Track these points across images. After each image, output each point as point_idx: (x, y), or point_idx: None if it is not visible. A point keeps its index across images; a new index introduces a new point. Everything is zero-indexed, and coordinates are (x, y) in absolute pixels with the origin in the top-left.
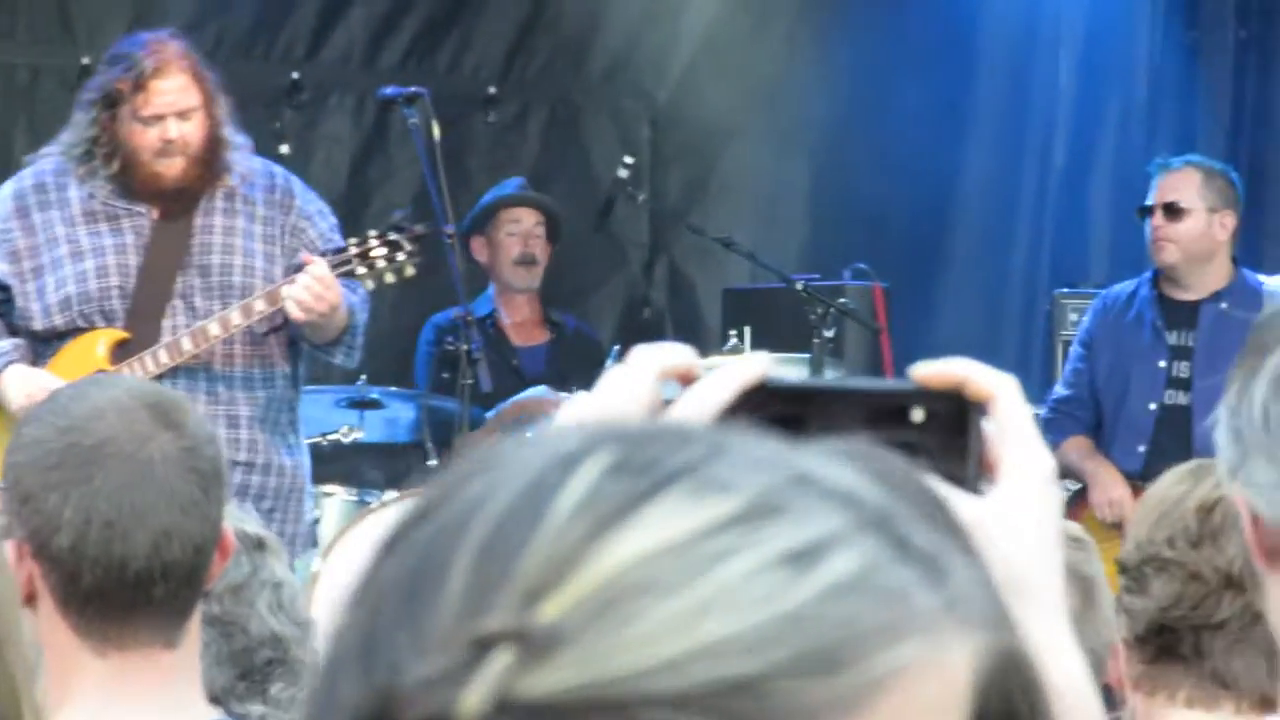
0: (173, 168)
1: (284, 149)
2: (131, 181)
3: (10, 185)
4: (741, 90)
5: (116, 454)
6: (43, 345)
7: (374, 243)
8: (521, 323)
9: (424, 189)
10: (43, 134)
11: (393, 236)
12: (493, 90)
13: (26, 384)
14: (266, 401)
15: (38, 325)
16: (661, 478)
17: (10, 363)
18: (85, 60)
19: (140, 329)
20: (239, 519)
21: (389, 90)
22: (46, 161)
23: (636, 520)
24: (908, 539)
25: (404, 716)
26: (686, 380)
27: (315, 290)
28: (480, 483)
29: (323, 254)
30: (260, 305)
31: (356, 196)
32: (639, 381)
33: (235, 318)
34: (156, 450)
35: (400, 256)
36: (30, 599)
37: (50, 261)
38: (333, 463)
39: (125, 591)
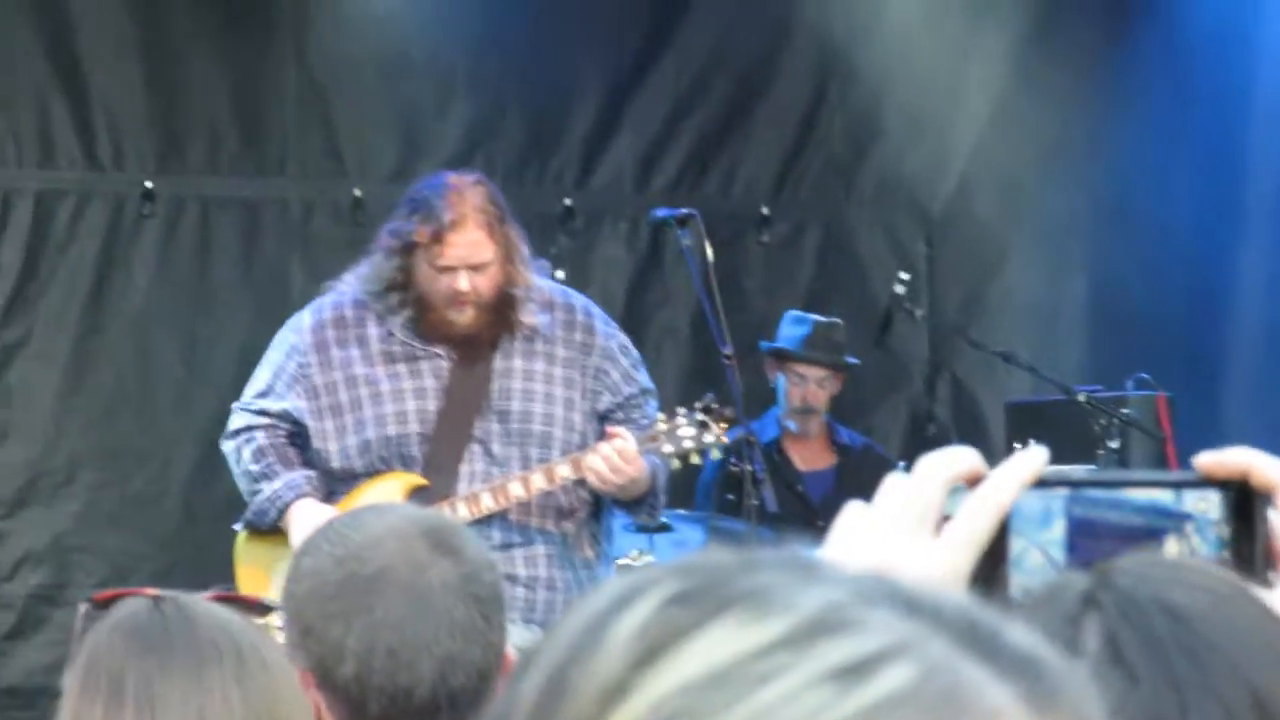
0: (464, 316)
1: (560, 275)
2: (425, 326)
3: (309, 316)
4: (1014, 198)
5: (396, 582)
6: (338, 483)
7: (682, 421)
8: (808, 447)
9: (700, 311)
10: (317, 267)
11: (701, 417)
12: (765, 210)
13: (315, 521)
14: (547, 557)
15: (335, 465)
16: (717, 604)
17: (301, 496)
18: (357, 193)
19: (437, 475)
20: (520, 638)
21: (661, 212)
22: (345, 293)
23: (685, 648)
24: (991, 638)
25: None
26: (973, 482)
27: (614, 463)
28: (572, 611)
29: (626, 412)
30: (564, 470)
31: (634, 320)
32: (925, 488)
33: (538, 480)
34: (436, 577)
35: (708, 438)
36: None
37: (349, 401)
38: None
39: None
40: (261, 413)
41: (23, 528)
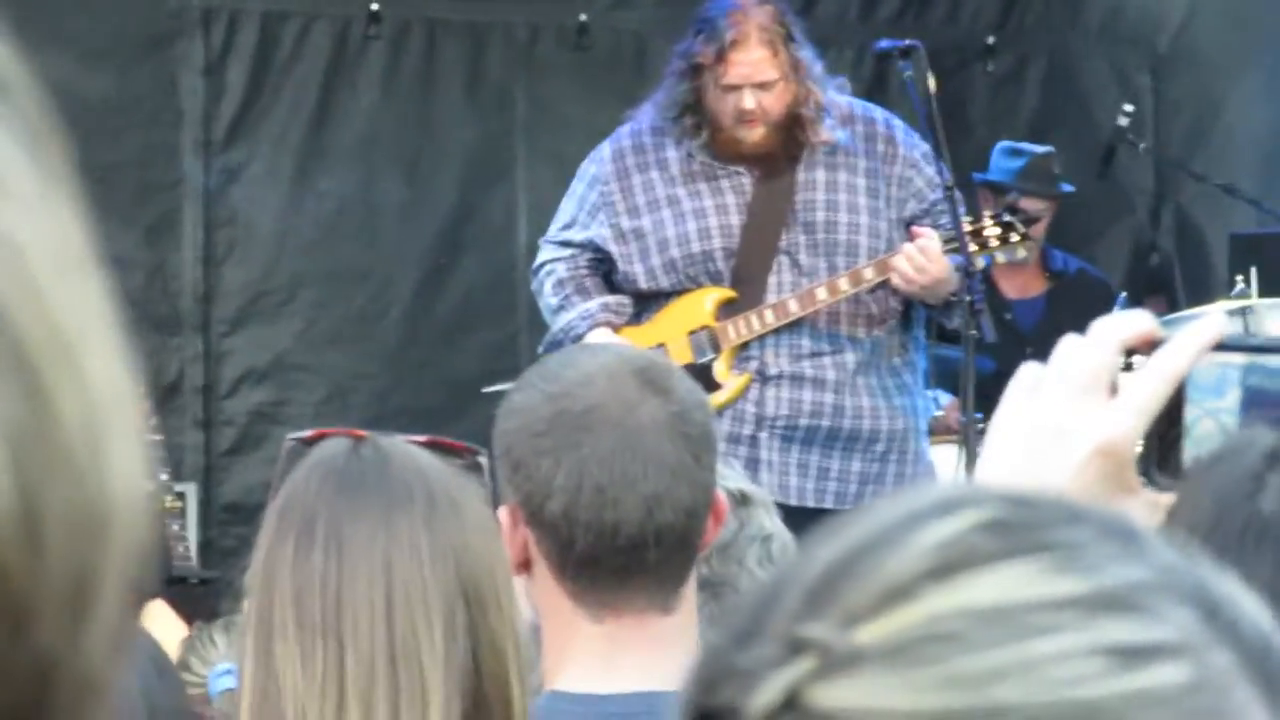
0: (752, 135)
1: None
2: (719, 146)
3: (608, 145)
4: (1241, 34)
5: (605, 420)
6: (648, 303)
7: (987, 222)
8: (1017, 275)
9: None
10: (541, 92)
11: (1007, 218)
12: (991, 40)
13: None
14: (857, 364)
15: (643, 285)
16: (1026, 544)
17: (595, 325)
18: (583, 18)
19: (746, 288)
20: (721, 476)
21: (884, 43)
22: (642, 120)
23: (979, 575)
24: (1275, 663)
25: (718, 695)
26: (1149, 347)
27: (918, 262)
28: (879, 504)
29: (934, 218)
30: (869, 274)
31: None
32: (1099, 351)
33: (844, 284)
34: (646, 415)
35: (1014, 237)
36: (525, 565)
37: (653, 223)
38: None
39: (618, 557)
40: (565, 244)
41: (244, 345)
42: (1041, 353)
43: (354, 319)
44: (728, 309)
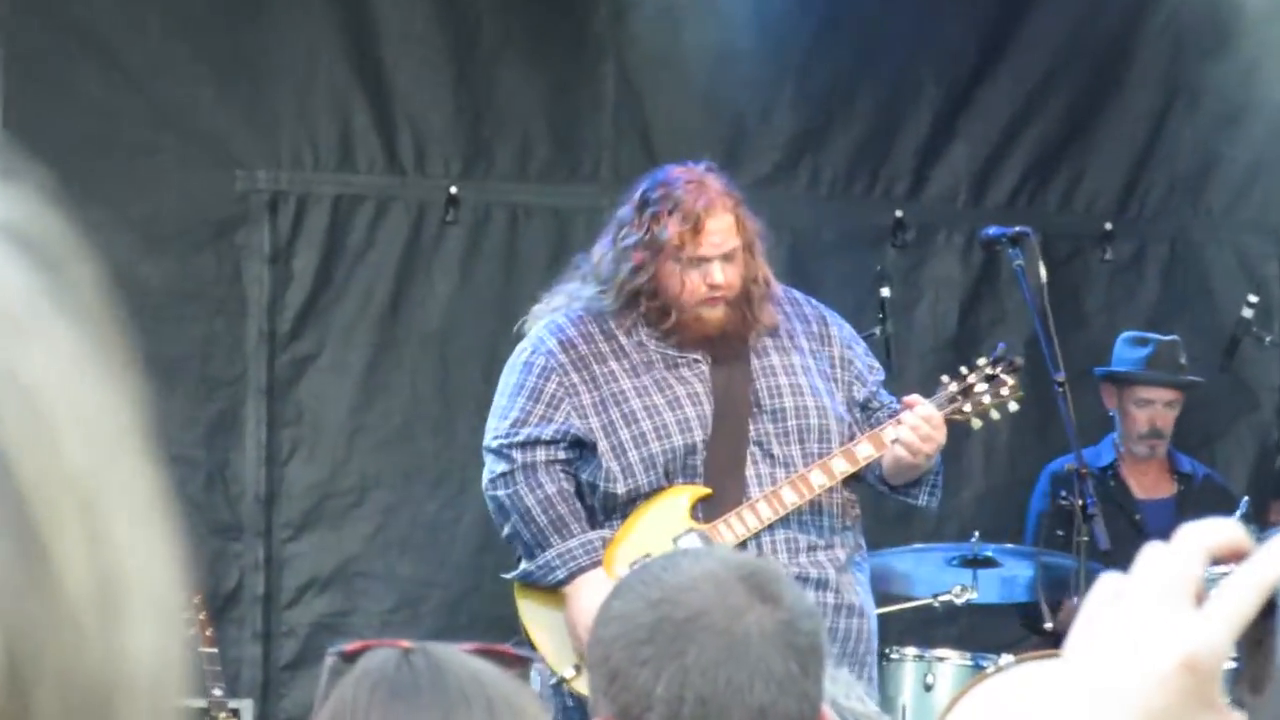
0: (715, 313)
1: (886, 291)
2: (677, 331)
3: (551, 336)
4: None
5: (710, 627)
6: (620, 507)
7: (973, 379)
8: (1146, 474)
9: (1035, 334)
10: None
11: (990, 371)
12: (1108, 226)
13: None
14: (847, 557)
15: (620, 487)
16: None
17: (598, 563)
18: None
19: (722, 483)
20: (837, 695)
21: (993, 230)
22: (575, 310)
23: None
24: None
25: None
26: (1236, 556)
27: (924, 432)
28: None
29: (879, 399)
30: (865, 450)
31: (967, 340)
32: (1184, 560)
33: (840, 465)
34: (753, 624)
35: (1004, 391)
36: None
37: (623, 416)
38: (946, 625)
39: None
40: (532, 444)
41: (309, 550)
42: None
43: (426, 523)
44: (706, 507)
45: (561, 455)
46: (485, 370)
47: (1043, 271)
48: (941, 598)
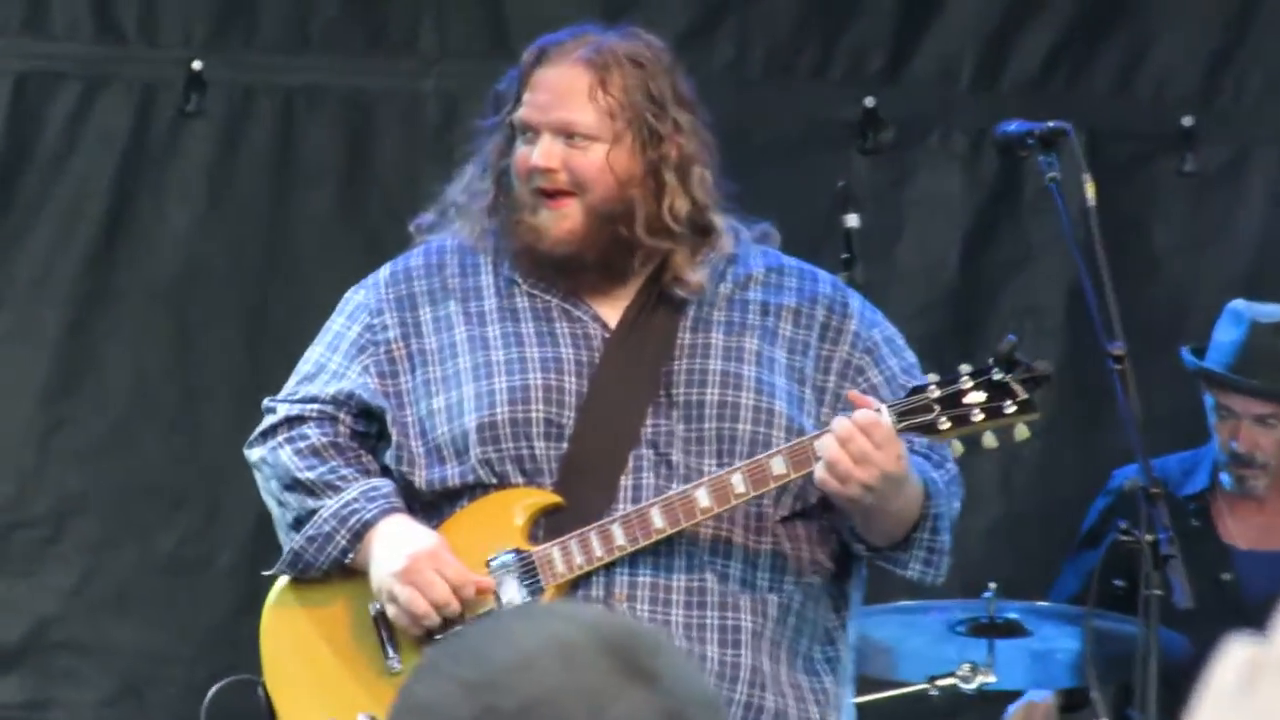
0: (552, 222)
1: (852, 220)
2: (527, 252)
3: (387, 267)
4: None
5: None
6: (428, 511)
7: (967, 382)
8: (1249, 515)
9: (1079, 281)
10: None
11: (999, 376)
12: (1188, 122)
13: (417, 548)
14: (780, 614)
15: (419, 477)
16: None
17: (389, 510)
18: None
19: (581, 491)
20: None
21: (1014, 126)
22: (445, 238)
23: None
24: None
25: None
26: None
27: (858, 446)
28: None
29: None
30: (778, 467)
31: (973, 292)
32: None
33: (738, 484)
34: (620, 716)
35: (1010, 408)
36: None
37: (442, 379)
38: None
39: None
40: (309, 400)
41: None
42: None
43: (159, 567)
44: (551, 523)
45: (345, 420)
46: (247, 338)
47: (1089, 189)
48: (942, 681)
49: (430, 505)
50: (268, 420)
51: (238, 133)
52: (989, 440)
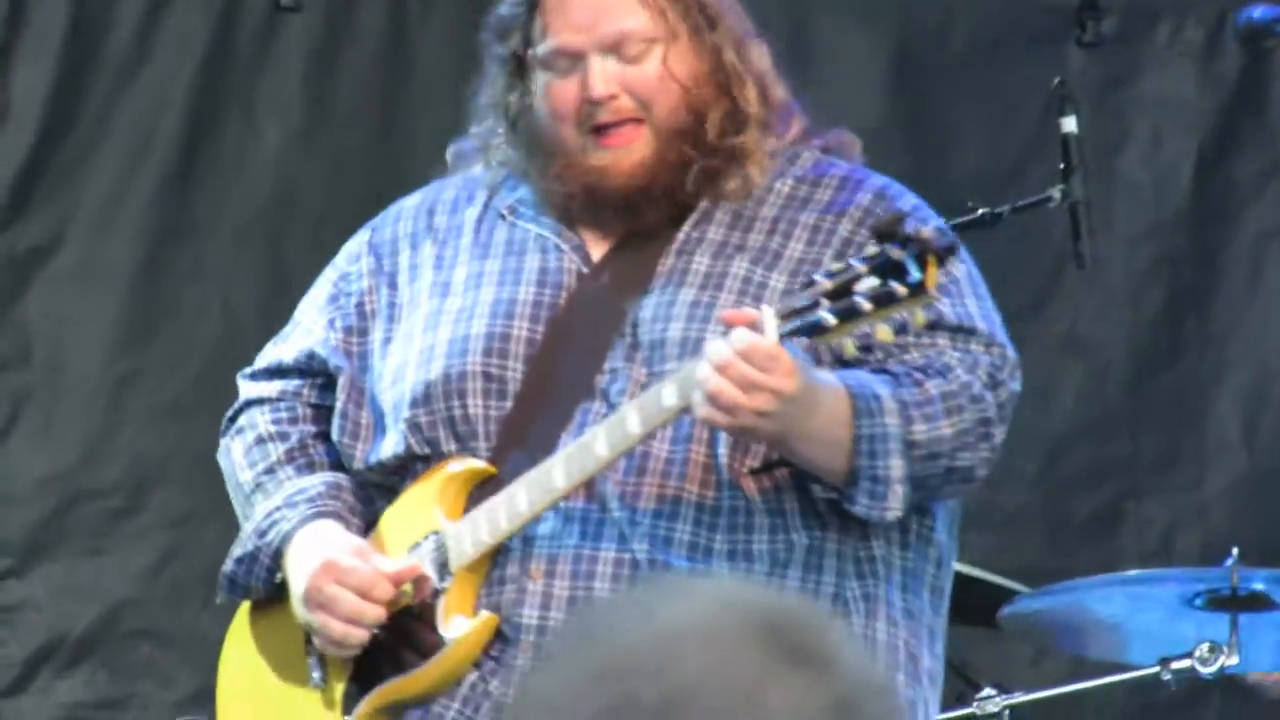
0: (619, 158)
1: (1069, 124)
2: (561, 193)
3: (390, 210)
4: None
5: (710, 713)
6: (389, 495)
7: (859, 268)
8: None
9: None
10: None
11: (895, 253)
12: None
13: (306, 568)
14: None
15: (355, 455)
16: None
17: (320, 515)
18: None
19: (518, 456)
20: None
21: (1258, 13)
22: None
23: None
24: None
25: None
26: None
27: (738, 371)
28: None
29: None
30: (669, 398)
31: (1207, 218)
32: None
33: (631, 423)
34: (782, 707)
35: (900, 291)
36: None
37: (402, 337)
38: (1184, 712)
39: None
40: (273, 371)
41: (42, 596)
42: None
43: None
44: (478, 494)
45: (304, 392)
46: None
47: None
48: (1176, 664)
49: (383, 489)
50: (232, 409)
51: (341, 32)
52: (883, 333)
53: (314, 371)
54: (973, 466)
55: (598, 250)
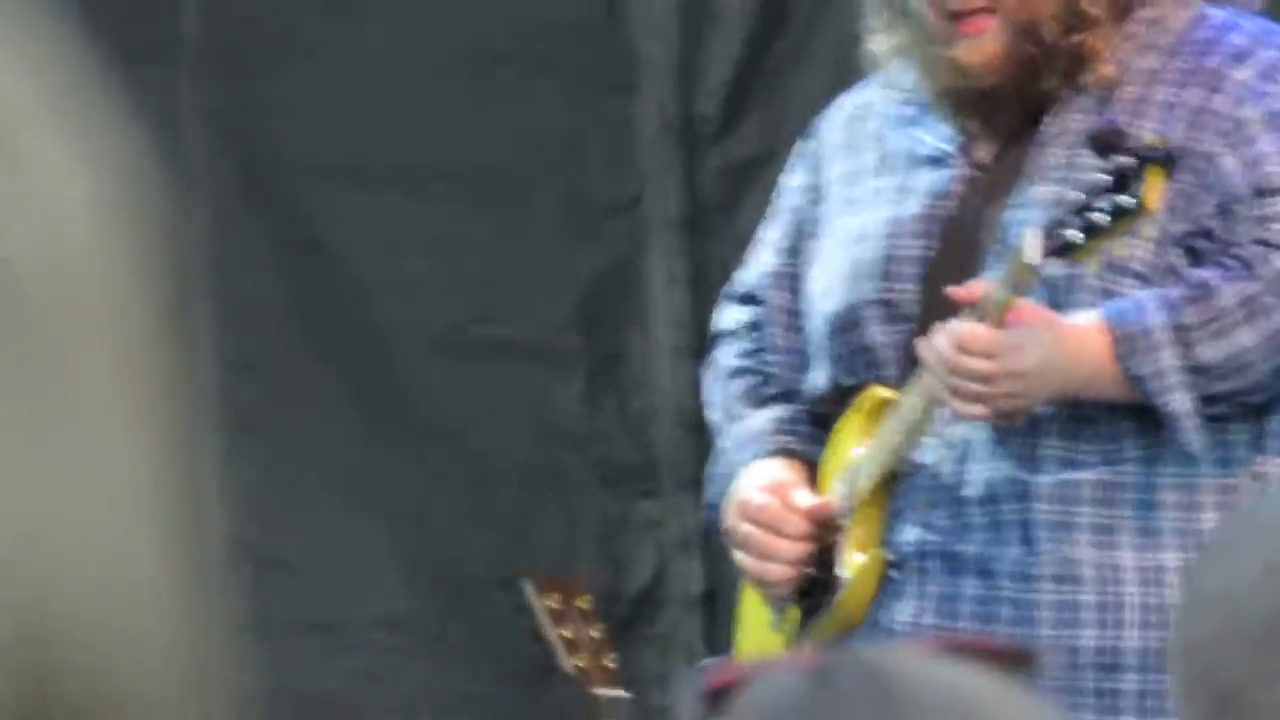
0: (971, 49)
1: None
2: (933, 88)
3: (825, 115)
4: None
5: None
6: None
7: (1103, 178)
8: None
9: None
10: None
11: (1124, 159)
12: None
13: (736, 496)
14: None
15: (803, 392)
16: None
17: (758, 456)
18: None
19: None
20: None
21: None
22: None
23: None
24: None
25: None
26: None
27: (966, 368)
28: None
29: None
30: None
31: None
32: None
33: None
34: None
35: (1128, 200)
36: None
37: (822, 259)
38: None
39: None
40: (740, 298)
41: None
42: None
43: None
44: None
45: (758, 322)
46: None
47: None
48: None
49: (832, 418)
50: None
51: None
52: (1119, 249)
53: (764, 300)
54: None
55: (981, 152)
